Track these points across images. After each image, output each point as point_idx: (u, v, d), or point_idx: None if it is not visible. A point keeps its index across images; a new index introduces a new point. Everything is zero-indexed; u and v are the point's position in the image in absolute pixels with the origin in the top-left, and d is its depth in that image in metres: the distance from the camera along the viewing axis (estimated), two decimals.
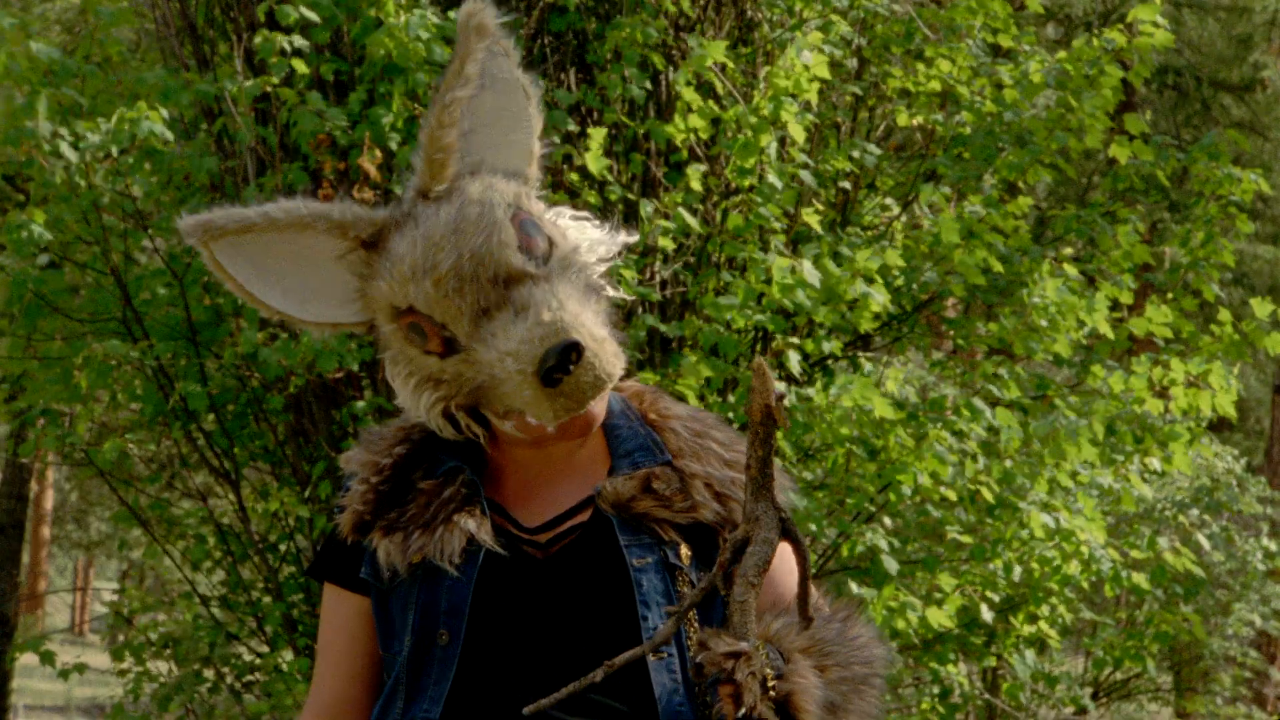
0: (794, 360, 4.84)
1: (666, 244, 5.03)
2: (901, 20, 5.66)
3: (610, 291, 2.08)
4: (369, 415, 5.02)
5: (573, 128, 5.03)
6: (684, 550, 2.04)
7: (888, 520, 5.52)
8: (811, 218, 5.26)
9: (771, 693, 1.84)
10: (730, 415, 4.75)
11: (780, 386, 1.88)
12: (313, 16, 4.96)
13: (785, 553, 1.95)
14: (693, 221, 4.92)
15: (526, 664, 1.99)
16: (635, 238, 2.15)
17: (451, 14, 5.05)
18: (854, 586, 5.22)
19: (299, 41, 4.99)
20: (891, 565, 4.98)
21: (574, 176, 4.99)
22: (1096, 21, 13.63)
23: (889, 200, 5.89)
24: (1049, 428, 5.11)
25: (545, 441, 2.08)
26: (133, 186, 5.15)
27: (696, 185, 4.98)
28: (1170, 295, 5.57)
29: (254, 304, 2.04)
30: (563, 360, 1.89)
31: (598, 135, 4.89)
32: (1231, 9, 14.49)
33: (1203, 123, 14.59)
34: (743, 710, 1.80)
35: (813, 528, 4.99)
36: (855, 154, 5.40)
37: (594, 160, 4.87)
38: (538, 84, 2.11)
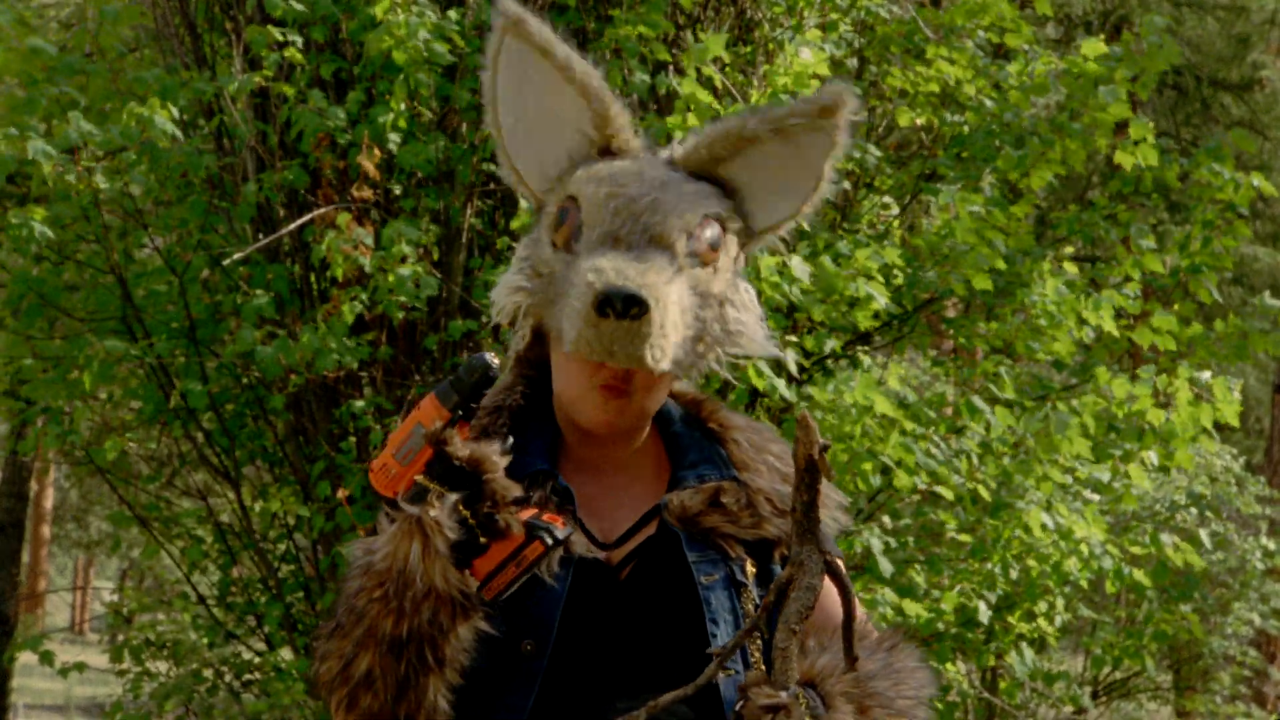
0: (790, 359, 4.84)
1: None
2: (902, 21, 5.66)
3: (715, 367, 2.07)
4: (368, 414, 5.02)
5: None
6: (749, 567, 2.05)
7: (886, 519, 5.52)
8: None
9: None
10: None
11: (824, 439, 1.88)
12: (299, 8, 4.97)
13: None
14: None
15: (605, 679, 1.98)
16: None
17: (451, 13, 5.05)
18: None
19: (292, 34, 5.00)
20: (886, 566, 4.98)
21: None
22: (1097, 22, 13.64)
23: (888, 200, 5.89)
24: (1040, 424, 5.11)
25: (592, 431, 2.05)
26: (131, 185, 5.15)
27: None
28: (1175, 303, 5.57)
29: (488, 106, 2.10)
30: (623, 303, 1.89)
31: None
32: (1230, 8, 14.49)
33: (1203, 122, 14.59)
34: None
35: None
36: (856, 154, 5.40)
37: None
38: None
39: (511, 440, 1.92)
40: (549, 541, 1.87)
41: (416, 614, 1.86)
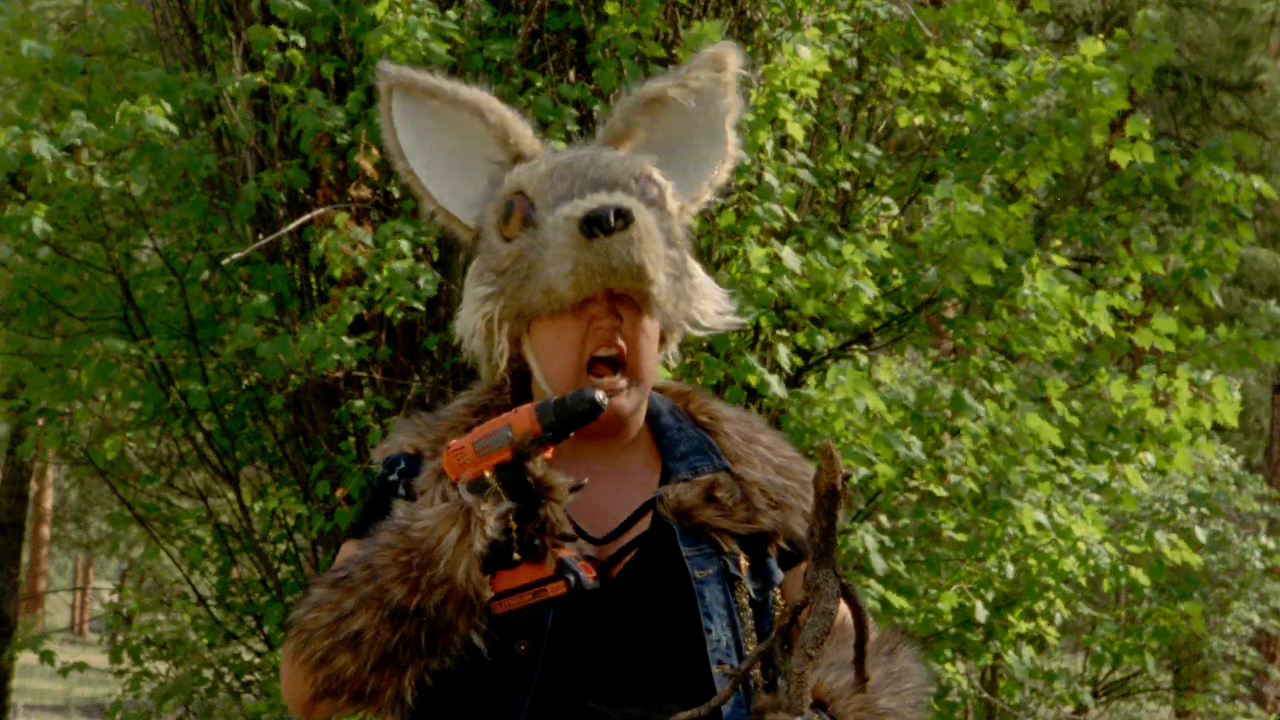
0: (783, 354, 4.84)
1: None
2: (901, 21, 5.66)
3: (687, 326, 2.11)
4: (368, 415, 5.02)
5: (573, 126, 5.04)
6: (743, 561, 2.04)
7: (884, 519, 5.52)
8: (789, 205, 5.22)
9: None
10: None
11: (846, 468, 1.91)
12: (304, 7, 4.98)
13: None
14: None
15: (601, 676, 1.97)
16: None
17: (451, 13, 5.06)
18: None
19: (293, 35, 5.00)
20: (880, 565, 4.97)
21: None
22: (1097, 22, 13.64)
23: (888, 200, 5.89)
24: (1009, 414, 5.11)
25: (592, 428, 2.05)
26: (132, 185, 5.16)
27: None
28: (1176, 305, 5.57)
29: (398, 161, 2.17)
30: (610, 217, 1.94)
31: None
32: (1231, 10, 14.49)
33: (1202, 122, 14.59)
34: None
35: None
36: (855, 154, 5.40)
37: None
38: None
39: (586, 480, 1.93)
40: (573, 583, 1.88)
41: (429, 594, 1.86)
